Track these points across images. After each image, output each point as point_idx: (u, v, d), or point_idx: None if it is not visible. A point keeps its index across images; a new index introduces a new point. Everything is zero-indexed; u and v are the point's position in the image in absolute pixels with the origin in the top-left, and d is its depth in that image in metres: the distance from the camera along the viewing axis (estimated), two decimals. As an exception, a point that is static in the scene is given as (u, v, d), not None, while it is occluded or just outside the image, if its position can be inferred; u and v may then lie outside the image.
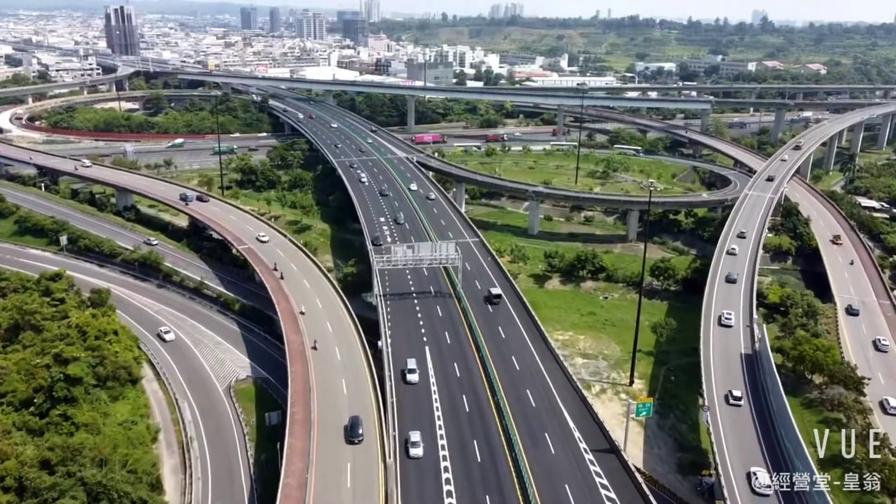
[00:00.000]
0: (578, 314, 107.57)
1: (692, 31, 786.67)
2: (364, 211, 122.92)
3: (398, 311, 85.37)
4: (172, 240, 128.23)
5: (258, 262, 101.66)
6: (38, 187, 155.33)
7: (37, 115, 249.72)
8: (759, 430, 65.93)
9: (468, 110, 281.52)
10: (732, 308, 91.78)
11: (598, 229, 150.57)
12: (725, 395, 71.02)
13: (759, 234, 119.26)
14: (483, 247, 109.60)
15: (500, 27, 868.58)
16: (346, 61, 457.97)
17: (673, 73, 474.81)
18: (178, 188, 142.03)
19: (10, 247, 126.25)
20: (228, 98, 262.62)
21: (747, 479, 58.48)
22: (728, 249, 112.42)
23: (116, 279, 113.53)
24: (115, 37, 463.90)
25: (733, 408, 69.41)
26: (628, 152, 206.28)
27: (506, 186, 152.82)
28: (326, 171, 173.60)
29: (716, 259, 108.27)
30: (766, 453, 62.17)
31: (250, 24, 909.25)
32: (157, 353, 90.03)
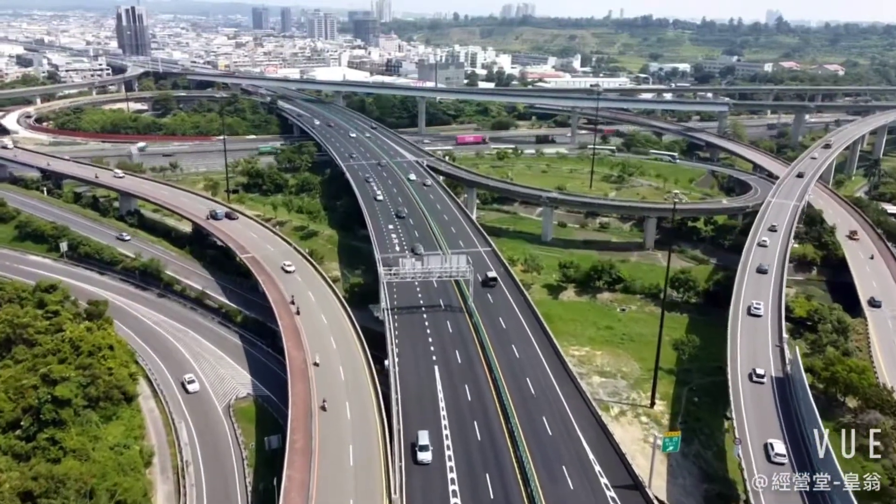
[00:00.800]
0: (595, 328, 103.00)
1: (706, 32, 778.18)
2: (373, 221, 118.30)
3: (406, 327, 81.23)
4: (175, 247, 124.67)
5: (275, 291, 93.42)
6: (41, 191, 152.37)
7: (44, 116, 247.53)
8: (794, 464, 61.17)
9: (480, 112, 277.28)
10: (760, 330, 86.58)
11: (614, 236, 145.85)
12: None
13: (785, 248, 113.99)
14: (495, 257, 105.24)
15: (512, 27, 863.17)
16: (356, 62, 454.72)
17: (687, 73, 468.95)
18: (203, 201, 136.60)
19: (9, 253, 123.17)
20: (237, 99, 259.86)
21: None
22: (754, 263, 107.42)
23: (116, 287, 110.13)
24: (126, 37, 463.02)
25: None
26: (664, 158, 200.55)
27: (518, 192, 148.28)
28: (334, 175, 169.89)
29: (739, 278, 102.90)
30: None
31: (262, 24, 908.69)
32: (156, 368, 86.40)
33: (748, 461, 61.28)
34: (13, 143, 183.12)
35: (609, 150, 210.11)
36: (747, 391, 73.42)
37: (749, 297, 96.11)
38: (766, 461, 61.92)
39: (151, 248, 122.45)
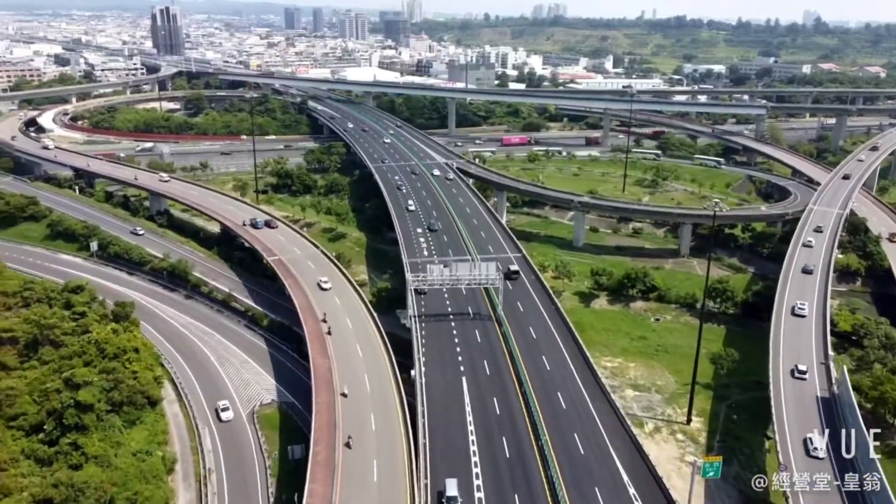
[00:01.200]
0: (628, 338, 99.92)
1: (741, 32, 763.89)
2: (402, 225, 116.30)
3: (433, 335, 79.20)
4: (204, 247, 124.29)
5: (301, 296, 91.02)
6: (73, 189, 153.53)
7: (79, 114, 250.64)
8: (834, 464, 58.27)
9: (510, 113, 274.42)
10: (803, 346, 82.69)
11: (648, 242, 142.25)
12: (803, 443, 63.18)
13: (831, 250, 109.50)
14: (525, 263, 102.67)
15: (543, 28, 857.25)
16: (387, 62, 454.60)
17: (722, 75, 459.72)
18: (236, 204, 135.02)
19: (41, 251, 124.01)
20: (267, 99, 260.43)
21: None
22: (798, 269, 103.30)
23: (144, 288, 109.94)
24: (160, 37, 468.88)
25: (812, 459, 61.38)
26: (709, 163, 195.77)
27: (549, 196, 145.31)
28: (363, 176, 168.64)
29: (783, 276, 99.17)
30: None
31: (293, 24, 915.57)
32: (181, 371, 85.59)
33: (787, 457, 60.10)
34: (53, 144, 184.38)
35: (654, 155, 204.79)
36: (788, 388, 71.37)
37: (793, 297, 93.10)
38: (804, 455, 61.22)
39: (180, 248, 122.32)
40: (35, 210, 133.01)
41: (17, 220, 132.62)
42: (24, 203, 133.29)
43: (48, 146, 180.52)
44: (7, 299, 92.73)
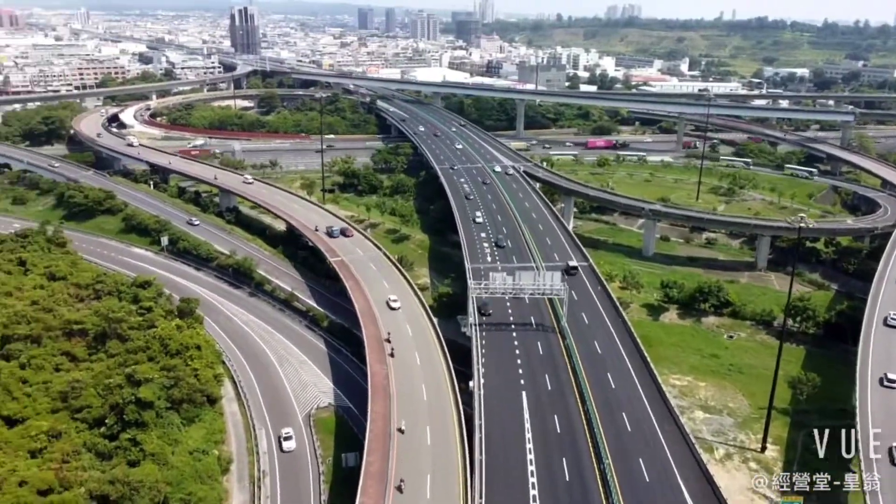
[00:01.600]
0: (698, 355, 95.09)
1: (827, 34, 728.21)
2: (466, 230, 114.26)
3: (494, 346, 76.90)
4: (269, 245, 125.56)
5: (362, 299, 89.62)
6: (148, 184, 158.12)
7: (158, 111, 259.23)
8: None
9: (580, 116, 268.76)
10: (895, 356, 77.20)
11: (722, 254, 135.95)
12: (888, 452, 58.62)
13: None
14: (592, 272, 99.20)
15: (617, 29, 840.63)
16: (456, 62, 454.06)
17: (806, 79, 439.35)
18: (310, 207, 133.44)
19: (116, 244, 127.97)
20: (337, 98, 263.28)
21: None
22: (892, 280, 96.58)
23: (210, 284, 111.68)
24: (238, 36, 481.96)
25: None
26: (800, 174, 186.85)
27: (619, 203, 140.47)
28: (429, 178, 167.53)
29: (876, 284, 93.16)
30: None
31: (367, 24, 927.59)
32: (241, 370, 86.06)
33: (869, 464, 56.11)
34: (137, 141, 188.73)
35: (743, 163, 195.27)
36: (876, 396, 68.13)
37: (886, 308, 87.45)
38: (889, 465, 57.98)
39: (246, 245, 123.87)
40: (112, 204, 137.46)
41: (95, 213, 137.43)
42: (102, 197, 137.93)
43: (132, 143, 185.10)
44: (80, 291, 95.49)
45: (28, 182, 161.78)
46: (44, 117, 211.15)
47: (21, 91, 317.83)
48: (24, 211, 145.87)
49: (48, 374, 74.46)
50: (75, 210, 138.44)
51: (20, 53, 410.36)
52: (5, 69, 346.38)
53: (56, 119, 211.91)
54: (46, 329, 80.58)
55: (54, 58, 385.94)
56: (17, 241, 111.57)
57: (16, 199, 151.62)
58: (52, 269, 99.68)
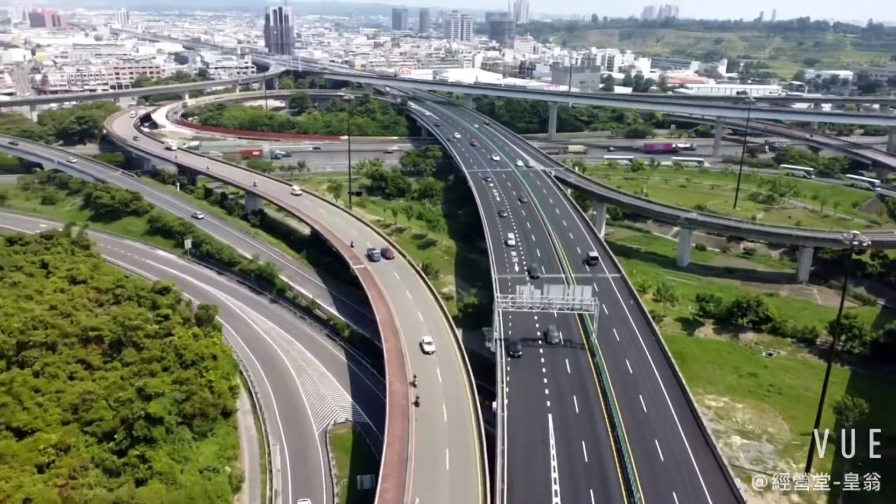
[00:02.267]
0: (735, 374, 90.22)
1: (872, 35, 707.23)
2: (493, 238, 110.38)
3: (519, 362, 73.31)
4: (293, 250, 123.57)
5: (384, 310, 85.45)
6: (175, 185, 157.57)
7: (190, 111, 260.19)
8: None
9: (614, 118, 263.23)
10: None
11: (761, 265, 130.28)
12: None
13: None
14: (624, 285, 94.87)
15: (653, 30, 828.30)
16: (489, 63, 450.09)
17: (849, 82, 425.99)
18: (347, 218, 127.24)
19: (140, 246, 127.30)
20: (368, 100, 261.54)
21: None
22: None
23: (231, 289, 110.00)
24: (272, 36, 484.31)
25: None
26: (861, 185, 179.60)
27: (653, 211, 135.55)
28: (458, 182, 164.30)
29: None
30: None
31: (400, 24, 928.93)
32: (258, 380, 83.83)
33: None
34: (175, 145, 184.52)
35: (804, 172, 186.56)
36: None
37: None
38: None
39: (269, 250, 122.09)
40: (138, 206, 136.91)
41: (122, 215, 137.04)
42: (129, 198, 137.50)
43: (171, 147, 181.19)
44: (100, 295, 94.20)
45: (58, 182, 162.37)
46: (77, 117, 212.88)
47: (59, 90, 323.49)
48: (53, 211, 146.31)
49: (61, 382, 72.91)
50: (102, 211, 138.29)
51: (60, 53, 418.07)
52: (44, 68, 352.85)
53: (89, 119, 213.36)
54: (63, 335, 79.17)
55: (92, 57, 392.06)
56: (41, 242, 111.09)
57: (45, 199, 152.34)
58: (73, 273, 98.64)
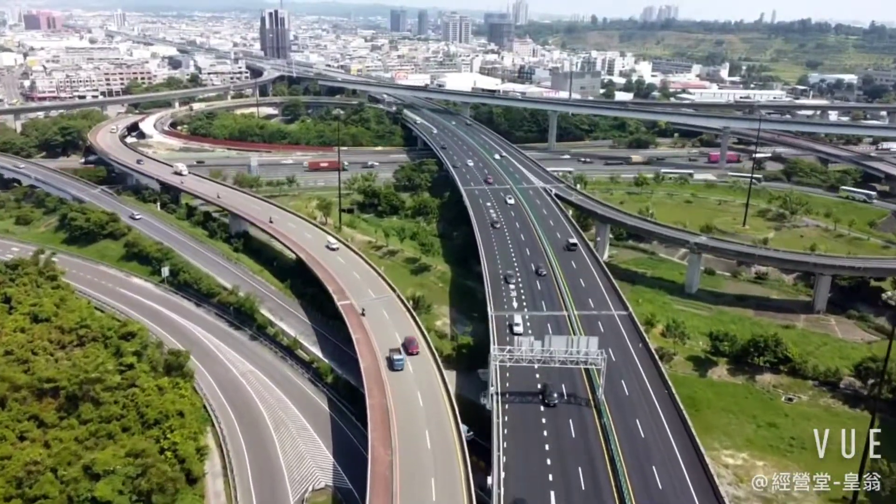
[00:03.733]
0: (754, 424, 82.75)
1: (874, 37, 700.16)
2: (491, 272, 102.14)
3: (518, 423, 65.81)
4: (277, 278, 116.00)
5: (369, 356, 79.01)
6: (155, 202, 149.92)
7: (179, 120, 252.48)
8: None
9: (616, 127, 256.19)
10: None
11: (774, 292, 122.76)
12: None
13: None
14: (631, 324, 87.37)
15: (653, 32, 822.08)
16: (488, 67, 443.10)
17: (854, 86, 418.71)
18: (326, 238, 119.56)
19: (115, 273, 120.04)
20: (363, 108, 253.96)
21: None
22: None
23: (209, 324, 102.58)
24: (268, 40, 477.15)
25: None
26: (856, 196, 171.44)
27: (660, 234, 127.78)
28: (455, 199, 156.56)
29: None
30: None
31: (399, 26, 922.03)
32: (231, 434, 76.34)
33: None
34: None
35: (863, 196, 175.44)
36: None
37: None
38: None
39: (252, 279, 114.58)
40: (114, 228, 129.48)
41: (98, 238, 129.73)
42: (105, 220, 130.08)
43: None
44: (63, 336, 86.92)
45: (35, 199, 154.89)
46: (61, 128, 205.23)
47: (47, 96, 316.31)
48: (26, 233, 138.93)
49: (9, 445, 65.40)
50: (77, 234, 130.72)
51: (52, 57, 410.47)
52: (33, 74, 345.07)
53: (73, 130, 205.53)
54: (14, 388, 71.74)
55: (83, 62, 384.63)
56: (5, 272, 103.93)
57: (19, 219, 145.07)
58: (36, 310, 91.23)
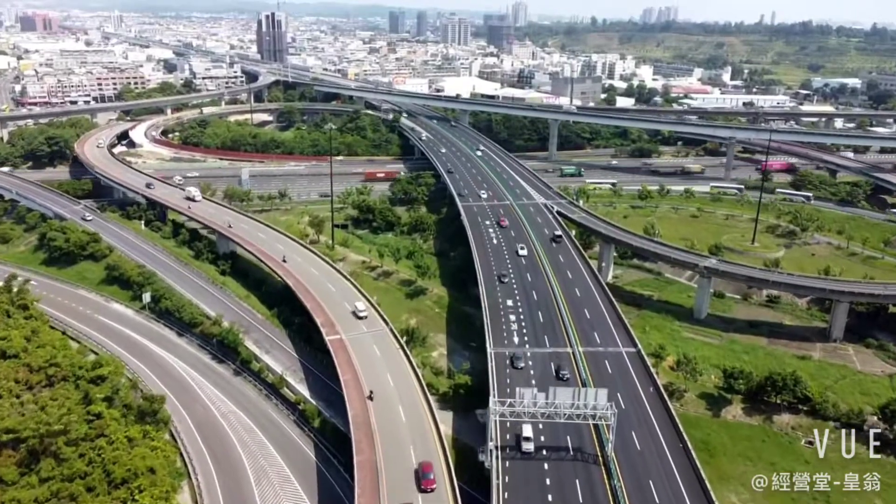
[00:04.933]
0: (772, 471, 76.56)
1: (876, 39, 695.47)
2: (490, 303, 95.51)
3: (519, 483, 59.95)
4: (265, 304, 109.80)
5: (358, 403, 72.64)
6: (140, 219, 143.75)
7: (170, 128, 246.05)
8: None
9: (618, 134, 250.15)
10: None
11: (787, 316, 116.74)
12: None
13: None
14: (640, 363, 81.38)
15: (653, 33, 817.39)
16: (487, 71, 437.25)
17: (858, 91, 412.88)
18: (328, 271, 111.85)
19: (94, 298, 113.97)
20: (358, 115, 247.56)
21: None
22: None
23: (190, 356, 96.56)
24: (264, 42, 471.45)
25: None
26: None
27: (667, 257, 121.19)
28: (452, 215, 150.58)
29: None
30: None
31: (398, 27, 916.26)
32: (209, 488, 70.34)
33: None
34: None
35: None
36: None
37: None
38: None
39: (237, 306, 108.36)
40: (95, 249, 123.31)
41: (77, 259, 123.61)
42: (86, 240, 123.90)
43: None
44: (31, 375, 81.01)
45: (16, 215, 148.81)
46: (47, 137, 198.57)
47: (38, 102, 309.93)
48: (5, 253, 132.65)
49: (-40, 509, 59.59)
50: (56, 254, 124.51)
51: (45, 60, 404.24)
52: (25, 79, 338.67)
53: (60, 139, 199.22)
54: (-29, 441, 65.82)
55: (76, 66, 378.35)
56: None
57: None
58: (4, 345, 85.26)
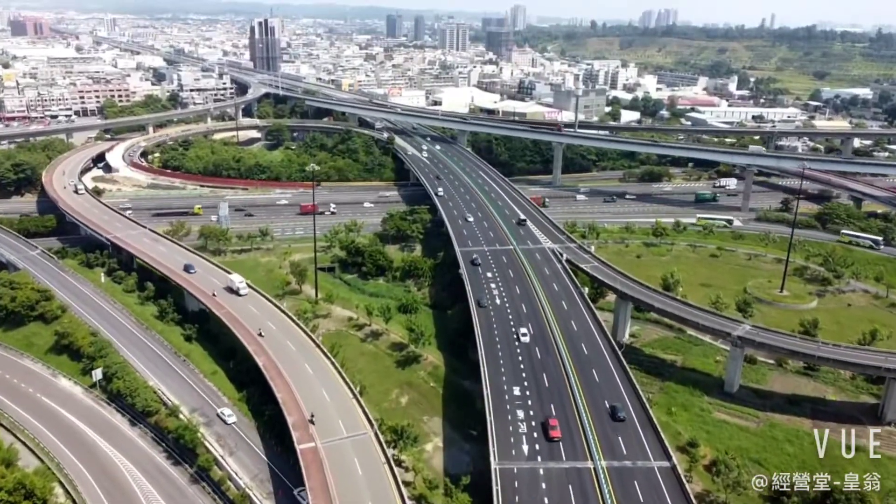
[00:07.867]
0: None
1: (881, 45, 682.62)
2: (495, 396, 79.68)
3: None
4: (233, 383, 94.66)
5: None
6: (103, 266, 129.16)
7: (150, 150, 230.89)
8: None
9: (625, 156, 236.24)
10: None
11: (831, 388, 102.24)
12: None
13: None
14: (677, 485, 66.78)
15: (654, 38, 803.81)
16: (486, 81, 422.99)
17: (870, 101, 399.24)
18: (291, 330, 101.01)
19: (39, 371, 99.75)
20: (350, 136, 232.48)
21: None
22: None
23: (142, 455, 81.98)
24: (257, 50, 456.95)
25: None
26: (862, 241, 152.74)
27: (695, 323, 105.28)
28: (449, 260, 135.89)
29: None
30: None
31: (395, 31, 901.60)
32: None
33: None
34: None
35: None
36: None
37: None
38: None
39: (202, 385, 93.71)
40: (45, 309, 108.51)
41: (26, 320, 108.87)
42: (36, 299, 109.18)
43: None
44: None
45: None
46: (13, 164, 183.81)
47: (16, 117, 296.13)
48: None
49: None
50: (2, 314, 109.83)
51: (30, 69, 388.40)
52: (4, 91, 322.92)
53: (28, 166, 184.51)
54: None
55: (60, 77, 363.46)
56: None
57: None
58: None
